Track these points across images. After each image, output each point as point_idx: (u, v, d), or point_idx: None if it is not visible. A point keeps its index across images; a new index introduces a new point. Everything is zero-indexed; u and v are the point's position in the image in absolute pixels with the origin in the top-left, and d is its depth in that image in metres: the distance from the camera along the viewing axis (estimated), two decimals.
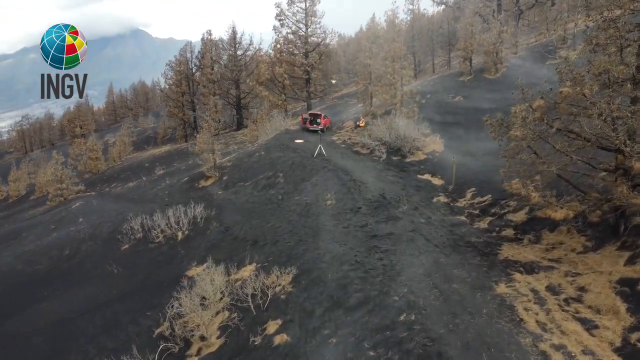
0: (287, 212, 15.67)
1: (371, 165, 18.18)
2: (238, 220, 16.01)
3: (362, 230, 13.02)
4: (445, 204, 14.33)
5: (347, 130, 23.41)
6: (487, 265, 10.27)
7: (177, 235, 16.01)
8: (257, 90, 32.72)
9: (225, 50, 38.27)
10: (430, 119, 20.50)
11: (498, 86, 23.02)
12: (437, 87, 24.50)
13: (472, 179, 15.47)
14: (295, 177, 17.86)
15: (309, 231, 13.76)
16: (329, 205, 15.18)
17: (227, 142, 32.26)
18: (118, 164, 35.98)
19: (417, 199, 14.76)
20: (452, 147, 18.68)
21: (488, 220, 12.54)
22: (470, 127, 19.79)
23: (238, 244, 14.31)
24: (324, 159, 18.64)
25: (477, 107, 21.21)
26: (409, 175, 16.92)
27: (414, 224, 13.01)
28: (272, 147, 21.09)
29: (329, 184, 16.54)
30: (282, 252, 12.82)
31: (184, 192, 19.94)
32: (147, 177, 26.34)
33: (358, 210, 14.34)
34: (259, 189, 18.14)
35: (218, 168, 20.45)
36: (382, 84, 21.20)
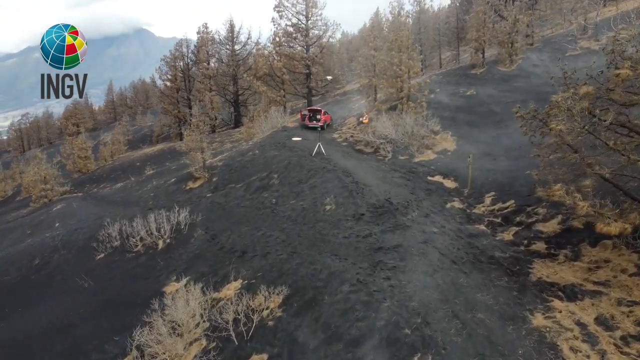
0: (281, 219, 13.93)
1: (375, 166, 16.38)
2: (226, 227, 14.29)
3: (365, 241, 11.25)
4: (461, 210, 12.52)
5: (349, 127, 21.61)
6: (517, 288, 8.46)
7: (157, 244, 14.32)
8: (255, 85, 31.01)
9: (223, 44, 36.55)
10: (440, 114, 18.66)
11: (514, 79, 21.13)
12: (446, 81, 22.63)
13: (490, 182, 13.64)
14: (291, 179, 16.12)
15: (305, 241, 12.01)
16: (327, 211, 13.42)
17: (222, 140, 30.60)
18: (109, 164, 34.43)
19: (428, 205, 12.96)
20: (466, 146, 16.83)
21: (513, 231, 10.71)
22: (485, 123, 17.93)
23: (224, 256, 12.59)
24: (323, 158, 16.87)
25: (492, 101, 19.34)
26: (418, 177, 15.11)
27: (426, 235, 11.22)
28: (267, 145, 19.35)
29: (328, 186, 14.78)
30: (273, 266, 11.08)
31: (170, 195, 18.26)
32: (135, 178, 24.71)
33: (361, 217, 12.56)
34: (251, 192, 16.41)
35: (208, 168, 18.76)
36: (387, 76, 19.39)
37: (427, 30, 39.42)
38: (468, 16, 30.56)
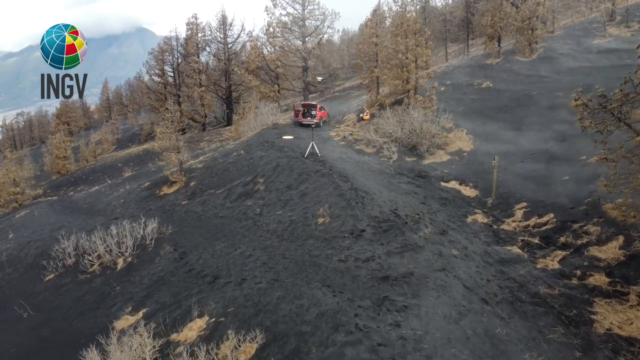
0: (265, 233, 11.53)
1: (378, 169, 13.95)
2: (199, 242, 11.90)
3: (366, 267, 8.82)
4: (486, 226, 10.07)
5: (348, 124, 19.17)
6: (580, 346, 6.02)
7: (116, 263, 11.94)
8: (246, 79, 28.59)
9: (214, 37, 34.11)
10: (452, 109, 16.19)
11: (536, 70, 18.65)
12: (458, 72, 20.15)
13: (519, 190, 11.19)
14: (278, 184, 13.71)
15: (290, 265, 9.60)
16: (320, 225, 11.01)
17: (211, 139, 28.21)
18: (91, 164, 32.07)
19: (444, 218, 10.52)
20: (485, 145, 14.38)
21: (559, 256, 8.25)
22: (507, 119, 15.48)
23: (192, 281, 10.18)
24: (317, 160, 14.45)
25: (512, 94, 16.87)
26: (429, 183, 12.66)
27: (444, 259, 8.79)
28: (255, 145, 16.94)
29: (322, 193, 12.36)
30: (249, 298, 8.66)
31: (141, 201, 15.87)
32: (112, 180, 22.34)
33: (361, 233, 10.13)
34: (232, 199, 14.01)
35: (186, 171, 16.36)
36: (391, 65, 16.93)
37: (432, 23, 36.91)
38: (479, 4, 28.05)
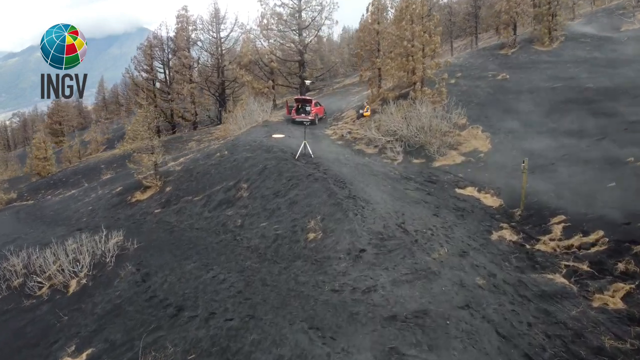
0: (244, 251, 9.59)
1: (381, 172, 11.98)
2: (167, 261, 9.96)
3: (366, 301, 6.86)
4: (517, 245, 8.08)
5: (346, 121, 17.19)
6: None
7: (69, 285, 10.00)
8: (238, 74, 26.66)
9: (206, 31, 32.15)
10: (465, 104, 14.18)
11: (557, 60, 16.65)
12: (469, 64, 18.15)
13: (553, 199, 9.20)
14: (264, 190, 11.75)
15: (271, 295, 7.66)
16: (310, 241, 9.05)
17: (201, 138, 26.29)
18: (74, 165, 30.19)
19: (463, 234, 8.53)
20: (505, 145, 12.39)
21: (621, 291, 6.25)
22: (528, 114, 13.48)
23: (152, 312, 8.24)
24: (309, 162, 12.49)
25: (532, 87, 14.87)
26: (441, 190, 10.68)
27: (467, 291, 6.82)
28: (240, 144, 14.99)
29: (314, 202, 10.40)
30: (216, 342, 6.73)
31: (110, 209, 13.95)
32: (89, 184, 20.44)
33: (360, 254, 8.17)
34: (211, 208, 12.07)
35: (161, 175, 14.42)
36: (395, 54, 14.94)
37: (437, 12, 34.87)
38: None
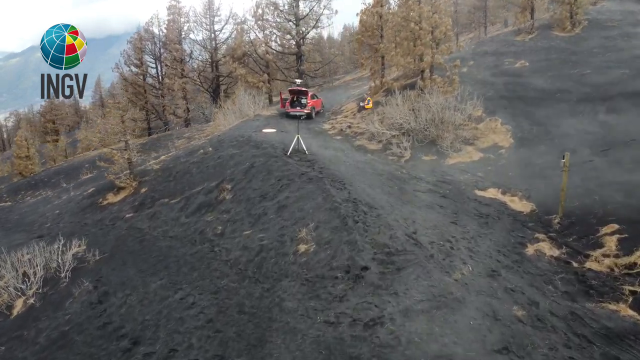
0: (222, 266, 7.94)
1: (386, 172, 10.31)
2: (131, 277, 8.33)
3: (370, 340, 5.21)
4: (560, 262, 6.39)
5: (346, 114, 15.51)
6: None
7: (14, 306, 8.39)
8: (231, 67, 25.03)
9: (200, 23, 30.49)
10: (481, 94, 12.49)
11: (582, 46, 14.94)
12: (482, 51, 16.44)
13: (597, 204, 7.51)
14: (250, 192, 10.09)
15: (248, 328, 6.02)
16: (301, 255, 7.40)
17: (192, 135, 24.67)
18: (58, 165, 28.61)
19: (490, 247, 6.84)
20: (530, 139, 10.70)
21: None
22: (554, 104, 11.80)
23: (102, 344, 6.63)
24: (303, 159, 10.83)
25: (556, 75, 13.17)
26: (458, 192, 8.99)
27: (503, 326, 5.16)
28: (227, 140, 13.35)
29: (306, 206, 8.75)
30: None
31: (78, 213, 12.32)
32: (68, 184, 18.83)
33: (362, 273, 6.50)
34: (189, 212, 10.41)
35: (137, 174, 12.79)
36: (401, 38, 13.24)
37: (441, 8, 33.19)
38: None
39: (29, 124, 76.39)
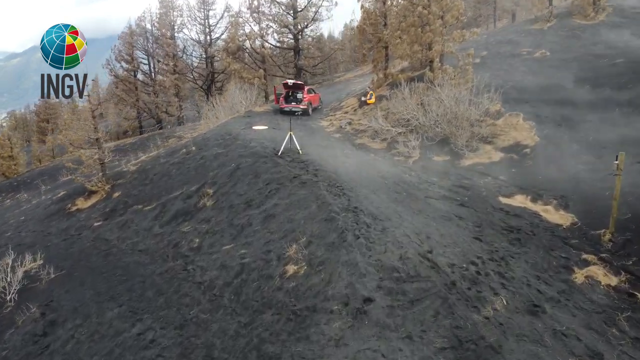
0: (193, 290, 6.54)
1: (391, 174, 8.88)
2: (85, 302, 6.93)
3: None
4: (620, 293, 4.95)
5: (346, 110, 14.08)
6: None
7: None
8: (225, 62, 23.64)
9: (194, 17, 29.08)
10: (498, 86, 11.02)
11: (607, 33, 13.47)
12: (496, 41, 15.00)
13: None
14: (234, 198, 8.69)
15: None
16: (289, 279, 5.98)
17: (183, 134, 23.15)
18: (44, 165, 27.26)
19: (527, 272, 5.41)
20: (558, 136, 9.25)
21: None
22: (583, 97, 10.33)
23: None
24: (296, 159, 9.42)
25: (583, 64, 11.73)
26: (479, 199, 7.56)
27: None
28: (212, 138, 11.95)
29: (298, 216, 7.33)
30: None
31: (44, 221, 10.93)
32: (47, 186, 17.46)
33: (364, 306, 5.08)
34: (163, 221, 9.01)
35: (110, 177, 11.40)
36: (407, 24, 11.78)
37: None
38: None
39: (24, 124, 75.41)
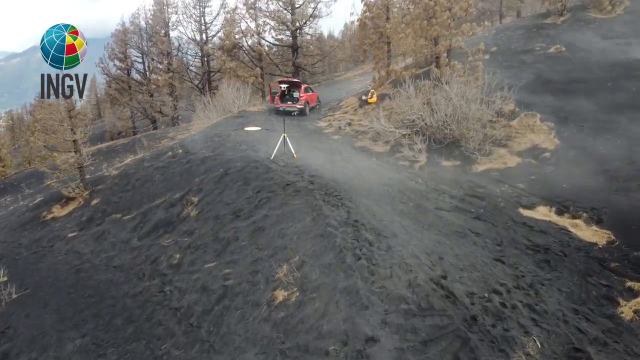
0: (168, 318, 5.64)
1: (396, 181, 7.97)
2: (44, 331, 6.05)
3: None
4: None
5: (346, 110, 13.18)
6: None
7: None
8: (220, 60, 22.76)
9: (189, 14, 28.19)
10: (510, 84, 10.09)
11: (625, 28, 12.57)
12: (506, 36, 14.08)
13: None
14: (220, 208, 7.79)
15: None
16: (278, 308, 5.06)
17: (176, 135, 22.27)
18: (33, 167, 26.38)
19: (561, 303, 4.50)
20: (582, 140, 8.35)
21: None
22: (610, 97, 9.43)
23: None
24: (290, 164, 8.51)
25: (605, 61, 10.83)
26: (496, 211, 6.64)
27: None
28: (200, 140, 11.04)
29: (290, 230, 6.43)
30: None
31: (16, 230, 10.04)
32: (29, 191, 16.57)
33: (366, 349, 4.14)
34: (143, 232, 8.12)
35: (89, 182, 10.51)
36: (412, 17, 10.87)
37: None
38: None
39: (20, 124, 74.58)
